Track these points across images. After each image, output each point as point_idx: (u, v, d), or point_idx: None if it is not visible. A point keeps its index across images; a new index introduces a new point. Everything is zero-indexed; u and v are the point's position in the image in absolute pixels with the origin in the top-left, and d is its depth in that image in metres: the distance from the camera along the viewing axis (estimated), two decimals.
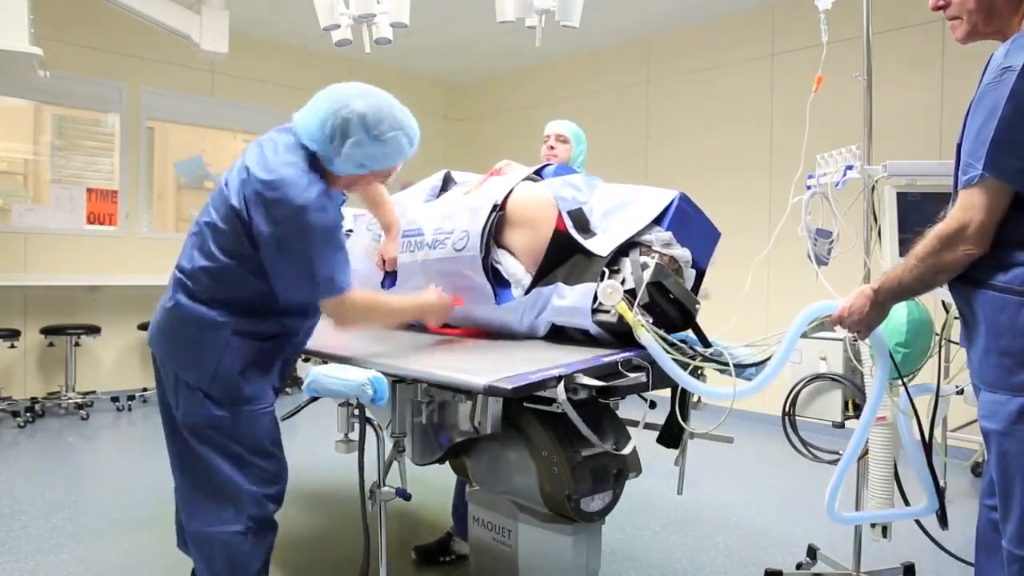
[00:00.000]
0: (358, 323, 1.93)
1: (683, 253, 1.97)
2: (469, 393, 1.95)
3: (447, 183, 2.59)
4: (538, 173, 2.28)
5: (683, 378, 1.71)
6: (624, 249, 1.93)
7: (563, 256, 1.98)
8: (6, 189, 5.84)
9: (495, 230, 2.06)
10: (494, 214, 2.04)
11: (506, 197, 2.10)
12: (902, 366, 1.89)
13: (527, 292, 1.96)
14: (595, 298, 1.83)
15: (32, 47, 3.69)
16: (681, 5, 5.54)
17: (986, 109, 1.32)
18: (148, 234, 6.10)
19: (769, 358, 1.75)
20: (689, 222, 2.02)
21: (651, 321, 1.79)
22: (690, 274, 2.01)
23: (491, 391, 1.62)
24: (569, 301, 1.89)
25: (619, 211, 2.01)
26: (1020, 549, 1.34)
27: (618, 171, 6.45)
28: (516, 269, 2.01)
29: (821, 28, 2.46)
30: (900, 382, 1.87)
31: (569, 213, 2.00)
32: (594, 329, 1.89)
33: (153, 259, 5.98)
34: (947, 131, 4.50)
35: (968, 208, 1.36)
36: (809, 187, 2.46)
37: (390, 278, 2.41)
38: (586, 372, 1.64)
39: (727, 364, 1.77)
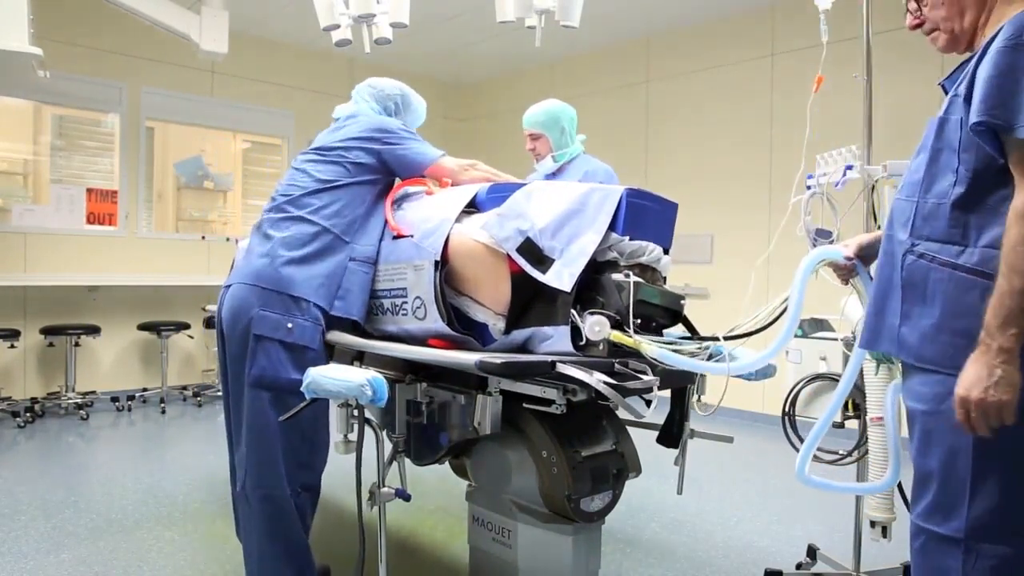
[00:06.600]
0: (464, 168, 2.32)
1: (653, 256, 1.89)
2: (467, 386, 1.96)
3: None
4: (472, 204, 2.11)
5: (706, 368, 1.68)
6: (588, 271, 1.82)
7: (529, 296, 1.88)
8: (6, 189, 5.84)
9: (448, 280, 1.98)
10: (438, 274, 1.94)
11: (445, 247, 1.97)
12: None
13: (506, 333, 1.89)
14: (578, 333, 1.75)
15: (32, 47, 3.69)
16: (681, 5, 5.54)
17: (1005, 65, 1.24)
18: (148, 234, 6.10)
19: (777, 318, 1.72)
20: (642, 214, 1.90)
21: (639, 323, 1.76)
22: (666, 261, 1.94)
23: (482, 366, 1.63)
24: (553, 343, 1.82)
25: (567, 224, 1.85)
26: (928, 523, 1.35)
27: (618, 172, 6.45)
28: (486, 316, 1.94)
29: (821, 28, 2.46)
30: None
31: (518, 250, 1.83)
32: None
33: (153, 259, 5.99)
34: None
35: None
36: (809, 187, 2.46)
37: None
38: (578, 364, 1.62)
39: (744, 335, 1.75)
